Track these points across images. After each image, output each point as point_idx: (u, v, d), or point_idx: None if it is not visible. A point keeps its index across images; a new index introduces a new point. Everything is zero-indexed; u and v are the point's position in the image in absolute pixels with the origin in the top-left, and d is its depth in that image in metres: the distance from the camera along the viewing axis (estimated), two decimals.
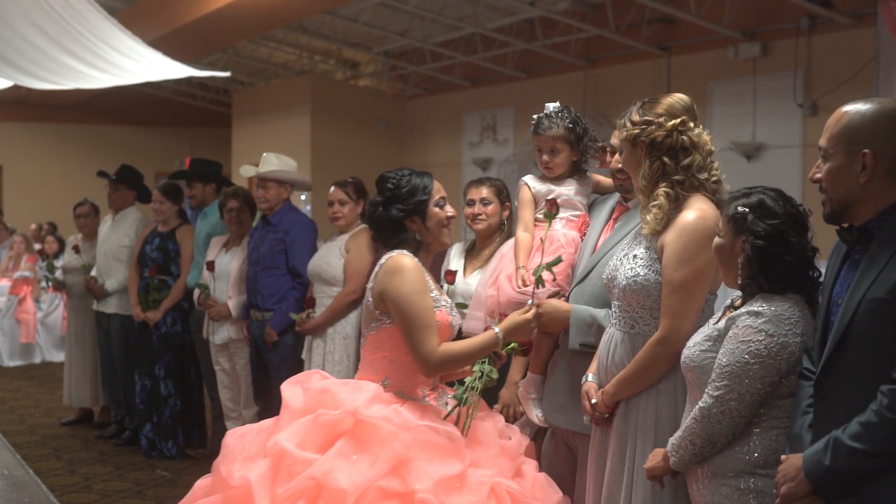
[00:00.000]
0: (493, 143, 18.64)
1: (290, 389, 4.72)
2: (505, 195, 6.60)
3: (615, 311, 4.64)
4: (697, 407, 3.93)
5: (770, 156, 13.65)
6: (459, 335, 4.96)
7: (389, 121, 21.30)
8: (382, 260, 4.78)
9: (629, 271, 4.50)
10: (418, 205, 4.84)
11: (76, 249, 11.24)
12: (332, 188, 8.10)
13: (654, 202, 4.43)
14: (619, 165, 4.84)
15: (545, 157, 5.42)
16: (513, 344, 4.92)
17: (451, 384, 4.86)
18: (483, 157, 18.65)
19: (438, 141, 20.50)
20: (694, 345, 4.09)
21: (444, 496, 4.33)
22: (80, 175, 21.59)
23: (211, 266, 8.92)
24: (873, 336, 3.41)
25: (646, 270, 4.45)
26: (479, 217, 6.48)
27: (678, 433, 4.06)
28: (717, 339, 3.96)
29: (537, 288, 4.98)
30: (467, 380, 4.73)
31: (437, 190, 4.92)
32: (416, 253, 4.84)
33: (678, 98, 4.61)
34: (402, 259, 4.72)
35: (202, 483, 4.78)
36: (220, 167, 10.38)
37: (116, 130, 24.50)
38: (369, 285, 4.79)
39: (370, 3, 16.36)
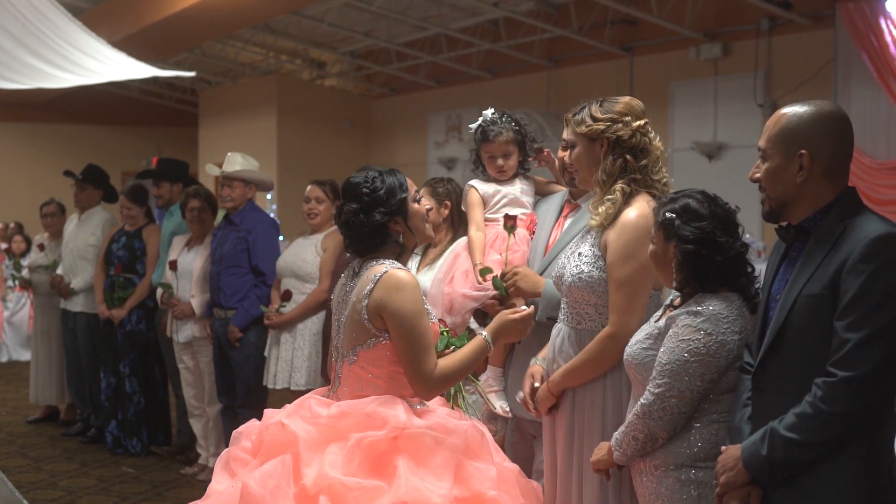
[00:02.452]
0: (459, 143, 18.69)
1: (295, 423, 4.37)
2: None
3: (564, 307, 4.74)
4: (639, 403, 4.04)
5: (731, 155, 13.79)
6: None
7: (355, 120, 21.36)
8: (375, 273, 4.47)
9: (574, 268, 4.61)
10: (400, 204, 4.58)
11: (41, 248, 11.29)
12: (310, 186, 8.16)
13: (610, 196, 4.55)
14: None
15: (500, 162, 5.55)
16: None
17: None
18: (448, 157, 18.74)
19: (404, 140, 20.58)
20: (635, 343, 4.20)
21: (504, 492, 4.33)
22: (46, 174, 21.52)
23: (173, 265, 8.98)
24: (809, 331, 3.53)
25: (590, 267, 4.56)
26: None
27: (621, 428, 4.16)
28: (658, 337, 4.07)
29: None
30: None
31: (411, 185, 4.73)
32: (399, 258, 4.62)
33: (634, 100, 4.71)
34: (400, 274, 4.46)
35: None
36: (186, 167, 10.44)
37: (83, 130, 24.43)
38: (363, 302, 4.46)
39: (336, 3, 16.42)
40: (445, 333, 4.71)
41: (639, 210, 4.50)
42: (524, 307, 4.69)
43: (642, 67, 15.42)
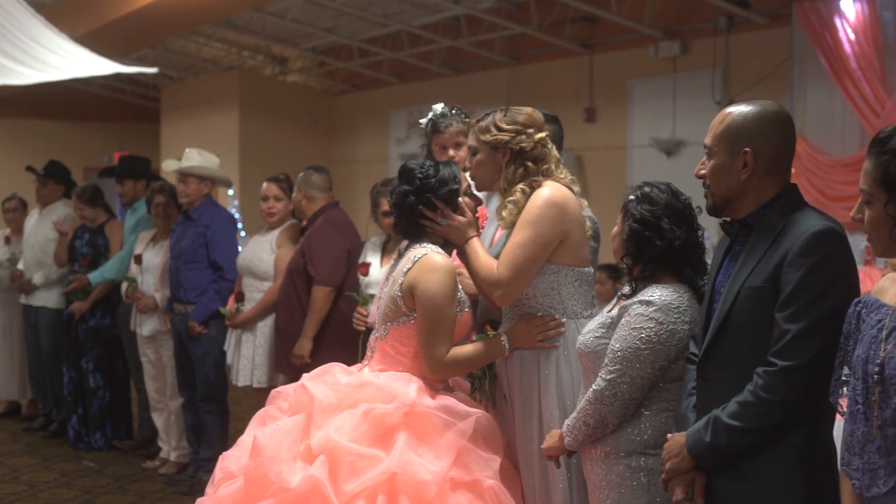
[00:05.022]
0: (420, 139, 18.58)
1: (315, 386, 4.60)
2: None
3: (504, 309, 4.91)
4: (591, 389, 4.15)
5: (689, 152, 13.87)
6: None
7: (317, 116, 21.35)
8: (416, 255, 4.70)
9: None
10: (450, 195, 4.78)
11: (7, 240, 11.28)
12: (267, 183, 8.20)
13: (511, 198, 4.71)
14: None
15: (451, 153, 5.64)
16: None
17: None
18: (410, 153, 18.71)
19: (366, 137, 20.57)
20: (588, 332, 4.32)
21: (504, 483, 4.47)
22: (8, 170, 21.33)
23: (138, 259, 9.02)
24: (751, 322, 3.64)
25: None
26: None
27: (573, 414, 4.28)
28: (611, 326, 4.19)
29: None
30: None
31: (464, 179, 4.91)
32: (444, 247, 4.80)
33: (536, 111, 4.88)
34: (438, 258, 4.66)
35: (226, 492, 4.51)
36: (148, 163, 10.45)
37: (45, 125, 24.27)
38: (399, 279, 4.69)
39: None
40: (490, 335, 4.83)
41: (550, 186, 4.69)
42: (554, 318, 4.75)
43: (602, 65, 15.50)
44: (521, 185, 4.71)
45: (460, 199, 4.81)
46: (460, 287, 4.78)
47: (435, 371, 4.66)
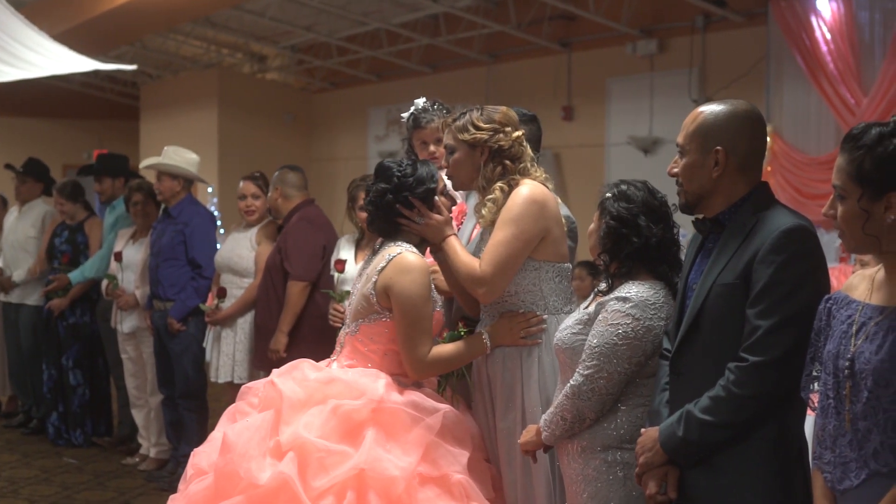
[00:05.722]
0: (399, 137, 18.65)
1: (284, 382, 4.62)
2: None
3: (483, 306, 4.95)
4: (569, 384, 4.20)
5: (666, 150, 13.91)
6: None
7: (296, 114, 21.37)
8: (390, 253, 4.72)
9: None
10: (427, 193, 4.80)
11: None
12: (243, 182, 8.21)
13: (490, 196, 4.76)
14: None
15: (432, 148, 5.65)
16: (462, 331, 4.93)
17: None
18: (388, 151, 18.75)
19: (344, 134, 20.59)
20: (565, 328, 4.36)
21: (473, 476, 4.51)
22: None
23: (119, 257, 9.03)
24: (722, 318, 3.70)
25: None
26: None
27: (550, 409, 4.33)
28: (588, 322, 4.24)
29: None
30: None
31: (440, 179, 4.95)
32: (419, 246, 4.83)
33: (510, 110, 4.94)
34: (411, 258, 4.68)
35: (197, 488, 4.52)
36: (126, 161, 10.47)
37: (24, 123, 24.21)
38: (373, 277, 4.69)
39: None
40: (462, 333, 4.86)
41: (529, 185, 4.74)
42: (535, 314, 4.80)
43: (580, 63, 15.56)
44: (500, 184, 4.76)
45: (436, 197, 4.84)
46: (433, 286, 4.82)
47: (419, 371, 4.69)
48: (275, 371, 4.82)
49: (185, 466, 4.75)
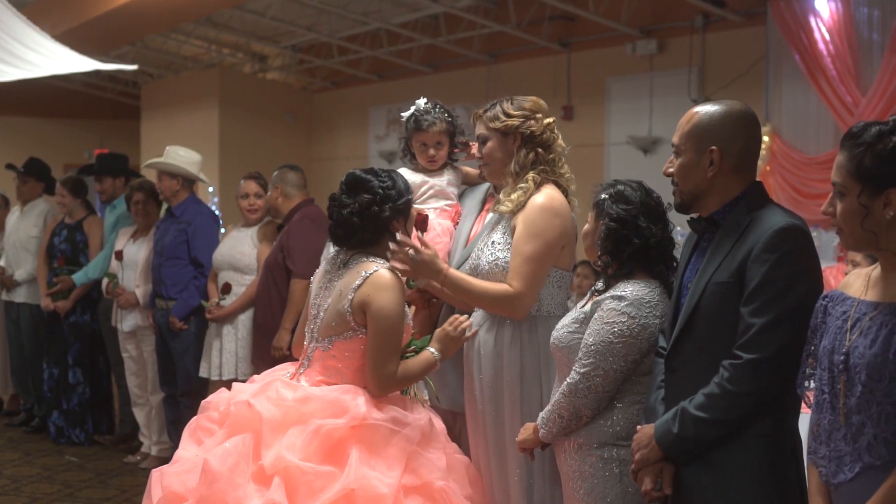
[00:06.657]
0: (399, 137, 18.64)
1: (260, 402, 4.50)
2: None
3: None
4: (565, 383, 4.25)
5: (665, 150, 13.77)
6: None
7: (297, 114, 21.36)
8: (365, 270, 4.62)
9: (490, 256, 4.88)
10: (406, 205, 4.77)
11: None
12: (245, 181, 8.23)
13: (523, 185, 4.84)
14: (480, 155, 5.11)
15: (432, 152, 5.65)
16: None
17: None
18: (389, 151, 18.78)
19: (345, 134, 20.59)
20: (562, 327, 4.41)
21: (451, 482, 4.52)
22: None
23: (119, 255, 9.06)
24: (717, 316, 3.74)
25: (505, 253, 4.85)
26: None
27: (548, 407, 4.38)
28: (584, 321, 4.29)
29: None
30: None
31: (414, 189, 4.97)
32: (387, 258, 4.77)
33: (540, 100, 5.02)
34: (388, 275, 4.60)
35: None
36: (126, 160, 10.51)
37: (25, 122, 24.19)
38: (349, 294, 4.59)
39: None
40: (413, 341, 4.85)
41: (546, 194, 4.83)
42: (460, 316, 4.85)
43: (579, 63, 15.57)
44: (532, 174, 4.87)
45: (414, 207, 4.90)
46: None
47: (384, 388, 4.62)
48: (249, 387, 4.73)
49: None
